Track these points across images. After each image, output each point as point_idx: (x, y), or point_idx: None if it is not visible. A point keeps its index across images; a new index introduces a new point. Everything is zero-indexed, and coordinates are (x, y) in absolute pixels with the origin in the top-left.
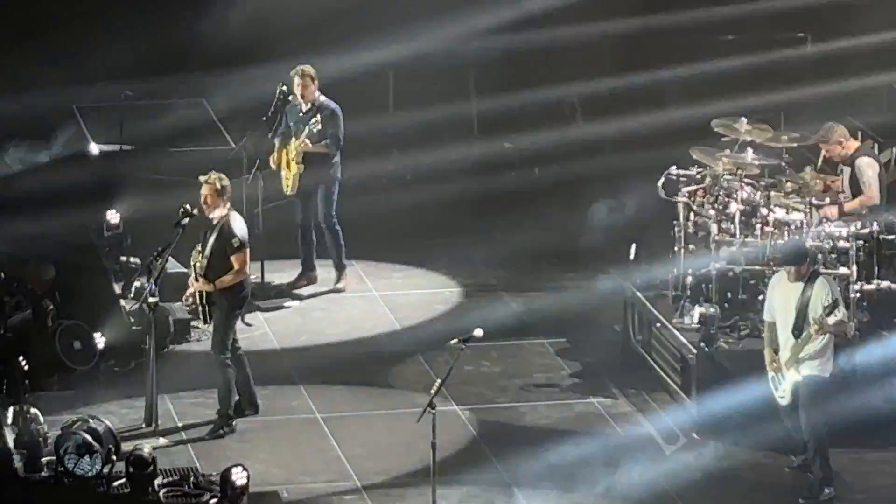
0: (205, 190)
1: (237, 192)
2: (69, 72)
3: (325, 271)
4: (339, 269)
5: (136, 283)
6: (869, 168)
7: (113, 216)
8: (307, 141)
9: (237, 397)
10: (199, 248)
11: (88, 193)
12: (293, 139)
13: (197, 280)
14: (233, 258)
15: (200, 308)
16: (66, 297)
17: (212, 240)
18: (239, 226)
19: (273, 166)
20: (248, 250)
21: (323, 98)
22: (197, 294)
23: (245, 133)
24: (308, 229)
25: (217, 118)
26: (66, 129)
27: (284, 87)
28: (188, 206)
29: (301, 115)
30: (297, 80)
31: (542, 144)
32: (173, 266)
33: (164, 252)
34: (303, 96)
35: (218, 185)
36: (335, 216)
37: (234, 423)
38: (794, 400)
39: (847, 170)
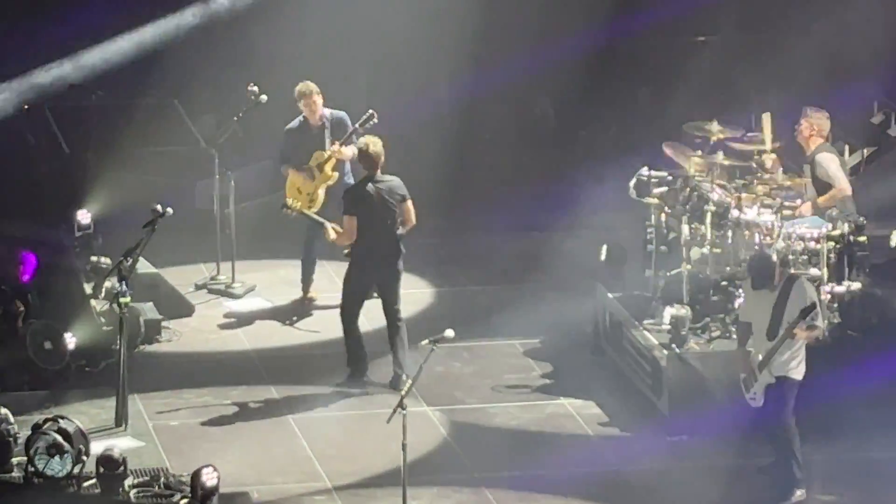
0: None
1: (209, 191)
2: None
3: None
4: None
5: (107, 284)
6: (831, 162)
7: (84, 216)
8: (344, 150)
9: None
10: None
11: (59, 192)
12: (323, 153)
13: None
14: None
15: None
16: (37, 297)
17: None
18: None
19: (293, 198)
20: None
21: (328, 110)
22: None
23: (221, 133)
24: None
25: (188, 118)
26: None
27: (255, 88)
28: (159, 207)
29: (313, 132)
30: (304, 101)
31: (514, 142)
32: (144, 266)
33: (134, 252)
34: (313, 113)
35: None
36: None
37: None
38: (765, 402)
39: (808, 168)
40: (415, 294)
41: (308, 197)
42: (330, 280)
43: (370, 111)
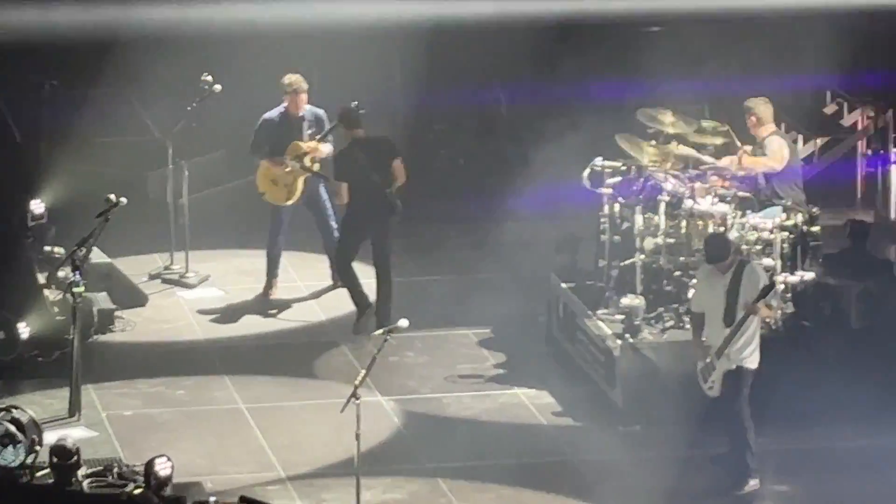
0: None
1: (163, 181)
2: None
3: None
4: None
5: (61, 273)
6: (775, 143)
7: (37, 206)
8: (321, 147)
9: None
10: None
11: (12, 182)
12: (300, 145)
13: None
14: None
15: None
16: None
17: None
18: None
19: (264, 185)
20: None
21: (308, 106)
22: None
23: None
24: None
25: (142, 108)
26: None
27: (209, 78)
28: (112, 197)
29: (292, 125)
30: (292, 94)
31: (466, 133)
32: (97, 256)
33: (88, 242)
34: (297, 107)
35: None
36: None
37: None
38: (722, 390)
39: (759, 153)
40: (369, 284)
41: (286, 189)
42: (284, 271)
43: (355, 102)
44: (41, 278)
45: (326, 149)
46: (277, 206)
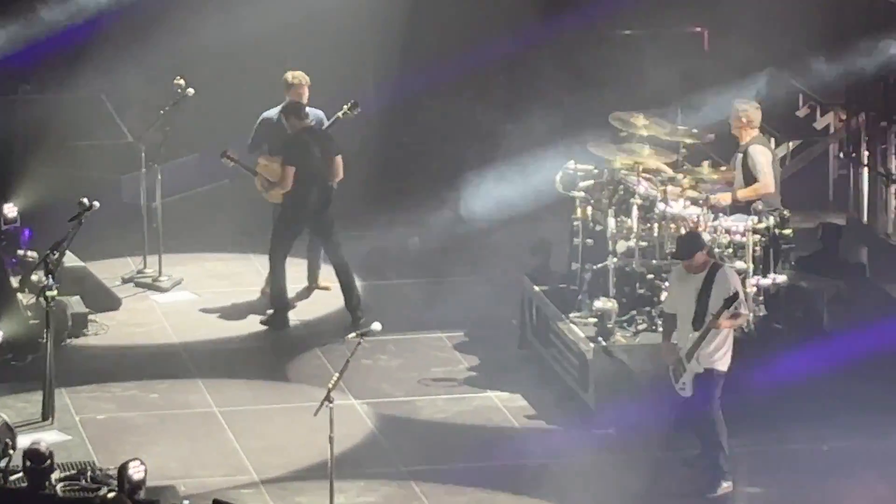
0: None
1: (136, 185)
2: None
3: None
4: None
5: (34, 277)
6: (762, 156)
7: (10, 209)
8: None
9: None
10: None
11: None
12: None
13: None
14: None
15: None
16: None
17: None
18: None
19: (261, 182)
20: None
21: (308, 108)
22: None
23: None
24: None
25: (114, 112)
26: None
27: (182, 81)
28: (85, 200)
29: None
30: (294, 91)
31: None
32: (71, 260)
33: (61, 245)
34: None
35: None
36: None
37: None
38: (693, 392)
39: (740, 157)
40: (335, 286)
41: (273, 186)
42: (257, 273)
43: (352, 100)
44: (14, 282)
45: None
46: (277, 205)
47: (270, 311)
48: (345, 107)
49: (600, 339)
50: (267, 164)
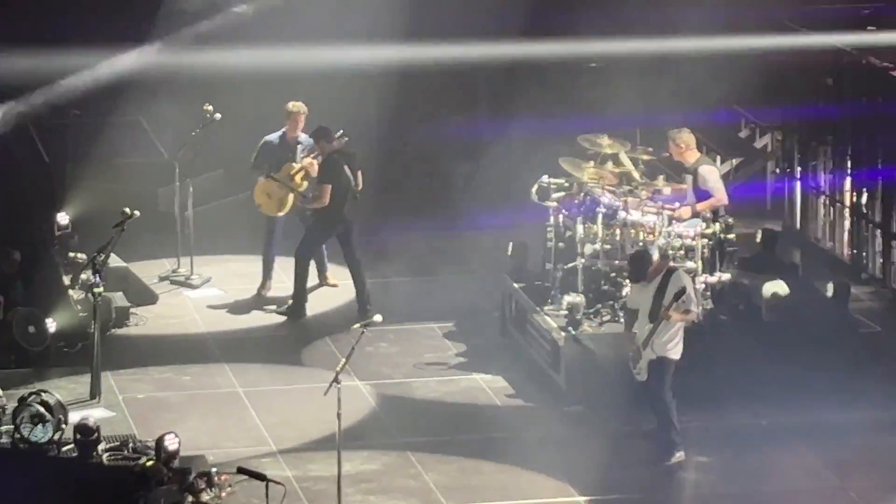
0: None
1: (171, 196)
2: None
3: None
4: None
5: (83, 276)
6: (710, 174)
7: (63, 217)
8: (315, 163)
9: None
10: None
11: (42, 197)
12: (293, 165)
13: None
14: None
15: None
16: (23, 287)
17: None
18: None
19: (260, 198)
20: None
21: (303, 134)
22: None
23: (181, 146)
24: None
25: (152, 134)
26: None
27: (210, 107)
28: (127, 210)
29: (288, 147)
30: (293, 118)
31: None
32: (114, 261)
33: (106, 249)
34: (294, 130)
35: None
36: None
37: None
38: (648, 377)
39: (690, 178)
40: (347, 284)
41: (279, 201)
42: (276, 273)
43: (341, 130)
44: (66, 280)
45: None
46: (271, 216)
47: (290, 304)
48: (336, 135)
49: (570, 328)
50: (265, 182)
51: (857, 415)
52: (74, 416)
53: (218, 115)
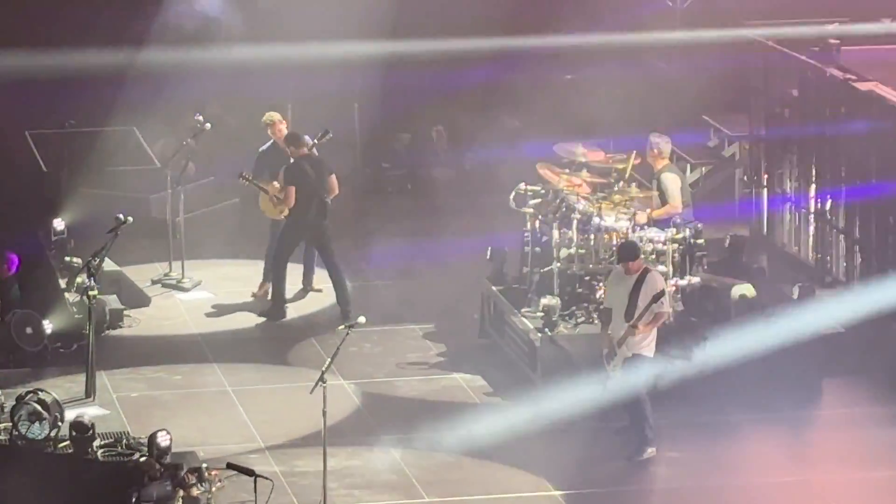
0: None
1: (163, 203)
2: None
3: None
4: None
5: (79, 279)
6: (671, 182)
7: (59, 223)
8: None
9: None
10: None
11: (38, 204)
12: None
13: None
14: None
15: None
16: (20, 290)
17: None
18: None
19: (269, 199)
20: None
21: None
22: None
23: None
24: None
25: (144, 142)
26: None
27: (200, 118)
28: (121, 216)
29: (280, 154)
30: (271, 129)
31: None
32: (109, 265)
33: (101, 253)
34: (279, 138)
35: None
36: None
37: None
38: (622, 374)
39: (655, 182)
40: (331, 287)
41: (280, 206)
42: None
43: (325, 129)
44: (62, 283)
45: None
46: (274, 221)
47: (269, 305)
48: (318, 135)
49: (546, 329)
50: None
51: (822, 411)
52: (70, 414)
53: (208, 125)
